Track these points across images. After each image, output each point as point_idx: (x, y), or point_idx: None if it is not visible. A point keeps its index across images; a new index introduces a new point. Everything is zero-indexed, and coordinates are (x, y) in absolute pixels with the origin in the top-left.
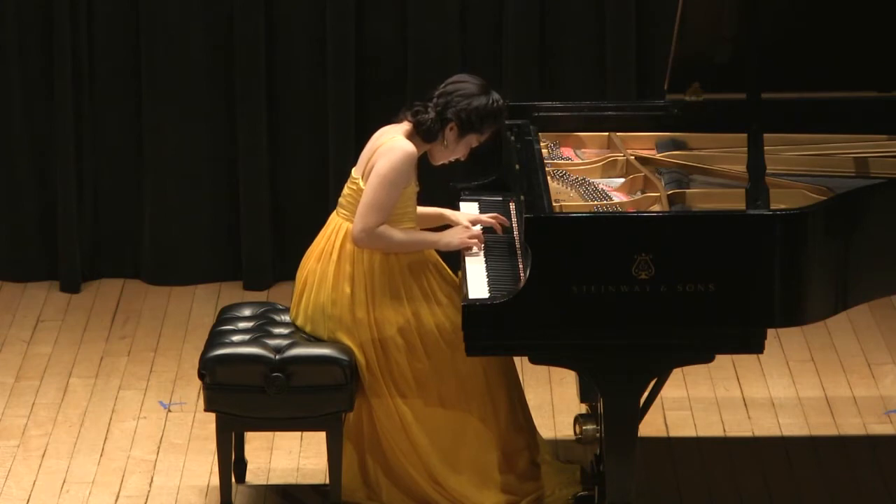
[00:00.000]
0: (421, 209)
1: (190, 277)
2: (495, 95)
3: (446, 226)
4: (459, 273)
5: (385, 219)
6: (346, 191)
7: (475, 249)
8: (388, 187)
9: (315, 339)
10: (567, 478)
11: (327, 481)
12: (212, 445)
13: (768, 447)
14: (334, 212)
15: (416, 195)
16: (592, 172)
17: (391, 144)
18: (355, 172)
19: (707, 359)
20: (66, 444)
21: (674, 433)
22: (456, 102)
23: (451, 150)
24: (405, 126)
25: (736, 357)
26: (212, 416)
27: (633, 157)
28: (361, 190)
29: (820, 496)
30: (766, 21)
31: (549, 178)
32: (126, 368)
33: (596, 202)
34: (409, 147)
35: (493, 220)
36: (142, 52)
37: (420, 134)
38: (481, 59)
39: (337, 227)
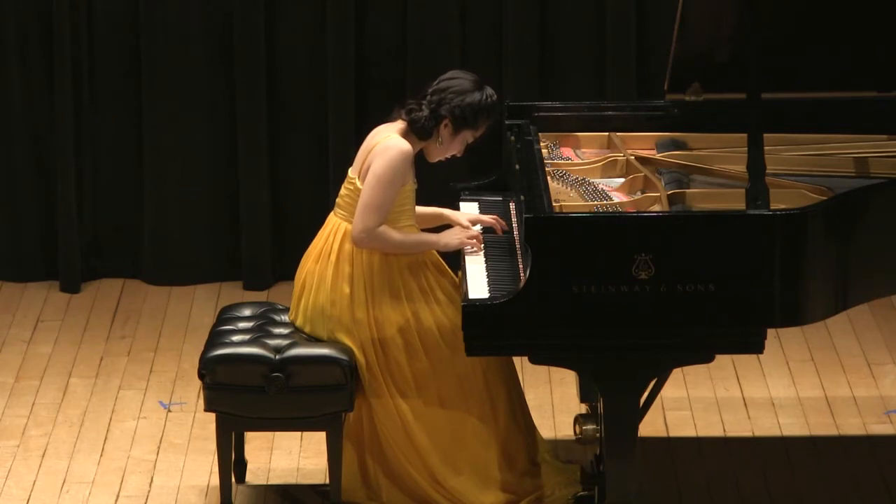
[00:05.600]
0: (420, 209)
1: (190, 277)
2: (488, 91)
3: (446, 226)
4: (459, 273)
5: (384, 218)
6: (343, 191)
7: (474, 249)
8: (386, 187)
9: (315, 340)
10: (567, 477)
11: (327, 481)
12: (212, 445)
13: (768, 447)
14: (332, 212)
15: (415, 193)
16: (592, 172)
17: (387, 143)
18: (352, 172)
19: (707, 359)
20: (66, 444)
21: (674, 433)
22: (449, 99)
23: (447, 147)
24: (400, 124)
25: (736, 357)
26: (212, 416)
27: (633, 157)
28: (358, 190)
29: (820, 496)
30: (767, 21)
31: (549, 178)
32: (126, 368)
33: (596, 202)
34: (405, 145)
35: (492, 221)
36: (142, 52)
37: (415, 132)
38: (481, 60)
39: (335, 227)
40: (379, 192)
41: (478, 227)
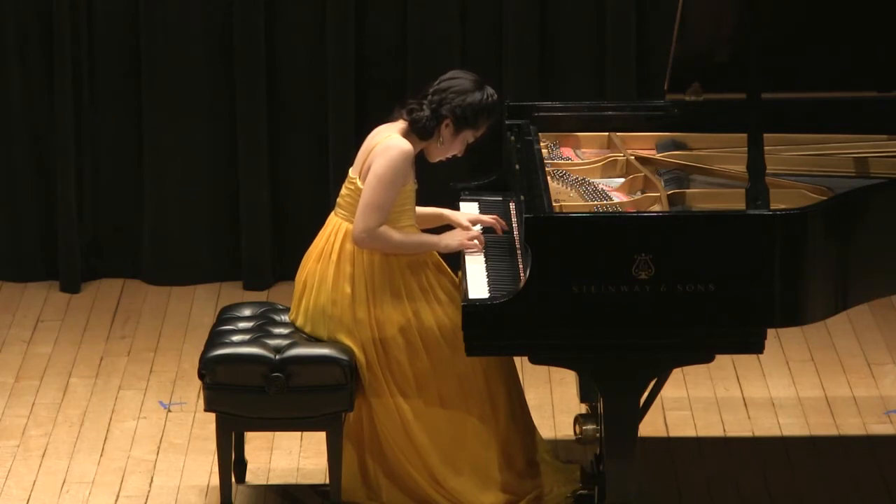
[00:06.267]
0: (420, 209)
1: (190, 277)
2: (489, 90)
3: (446, 226)
4: (459, 273)
5: (385, 219)
6: (343, 191)
7: (475, 251)
8: (387, 187)
9: (315, 340)
10: (565, 476)
11: (327, 481)
12: (212, 445)
13: (768, 447)
14: (333, 212)
15: (415, 193)
16: (592, 172)
17: (387, 143)
18: (352, 172)
19: (707, 359)
20: (66, 444)
21: (674, 433)
22: (450, 99)
23: (447, 147)
24: (400, 124)
25: (736, 357)
26: (212, 416)
27: (633, 157)
28: (359, 190)
29: (820, 496)
30: (767, 21)
31: (549, 178)
32: (126, 368)
33: (596, 202)
34: (406, 145)
35: (492, 221)
36: (142, 52)
37: (415, 132)
38: (481, 59)
39: (336, 227)
40: (380, 192)
41: (478, 228)
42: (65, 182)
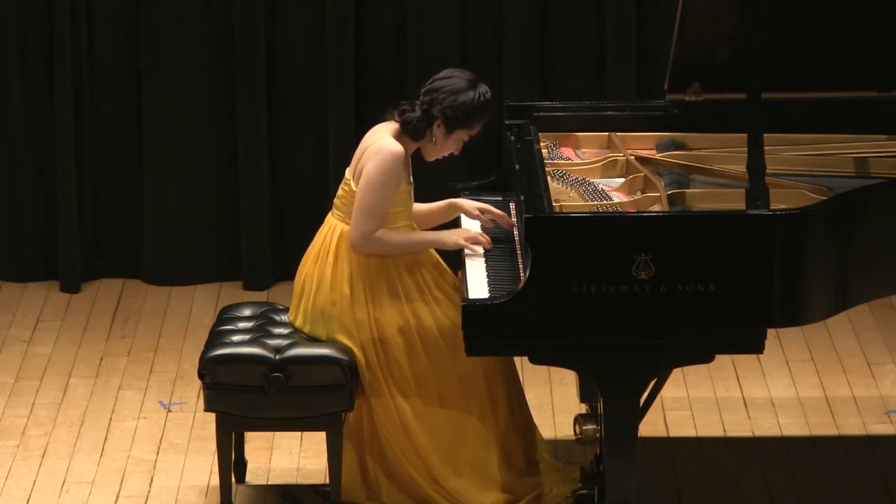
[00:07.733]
0: (430, 205)
1: (190, 277)
2: (482, 89)
3: (456, 221)
4: (459, 273)
5: (381, 223)
6: (340, 191)
7: (472, 253)
8: (378, 190)
9: (315, 340)
10: (565, 475)
11: (327, 481)
12: (212, 445)
13: (768, 447)
14: (330, 213)
15: (411, 192)
16: (592, 172)
17: (378, 146)
18: (348, 173)
19: (707, 359)
20: (66, 444)
21: (674, 433)
22: (441, 99)
23: (442, 147)
24: (394, 125)
25: (736, 357)
26: (212, 416)
27: (633, 157)
28: (353, 191)
29: (820, 496)
30: (767, 21)
31: (549, 178)
32: (126, 368)
33: (596, 202)
34: (396, 147)
35: (502, 213)
36: (142, 52)
37: (407, 133)
38: (481, 60)
39: (332, 228)
40: (372, 197)
41: (477, 228)
42: (65, 182)
